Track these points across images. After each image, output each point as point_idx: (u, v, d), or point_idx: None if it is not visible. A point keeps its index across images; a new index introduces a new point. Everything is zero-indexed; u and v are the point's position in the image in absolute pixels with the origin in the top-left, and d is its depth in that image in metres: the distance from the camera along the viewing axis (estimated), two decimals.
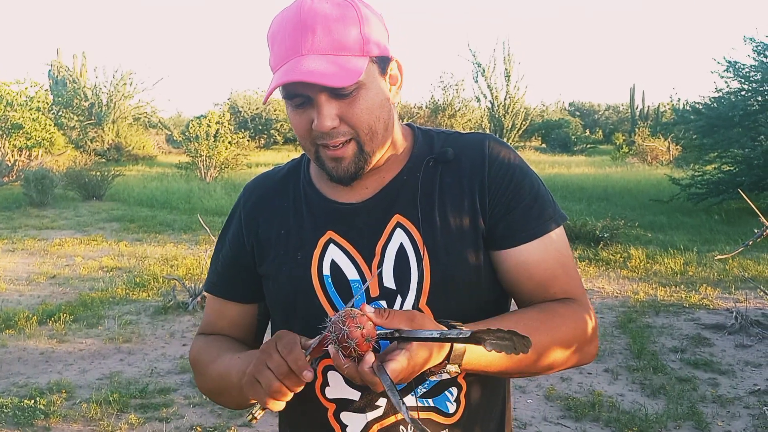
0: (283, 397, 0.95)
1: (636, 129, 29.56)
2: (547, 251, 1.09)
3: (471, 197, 1.09)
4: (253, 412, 0.97)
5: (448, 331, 0.86)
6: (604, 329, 5.39)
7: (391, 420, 1.07)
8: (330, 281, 1.09)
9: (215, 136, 18.73)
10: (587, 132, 39.78)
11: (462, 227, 1.08)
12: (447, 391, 1.09)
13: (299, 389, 0.94)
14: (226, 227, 1.24)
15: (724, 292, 6.58)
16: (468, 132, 1.18)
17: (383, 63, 1.05)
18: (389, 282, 1.07)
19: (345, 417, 1.09)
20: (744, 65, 12.49)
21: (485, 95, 25.85)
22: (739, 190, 7.07)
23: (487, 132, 1.23)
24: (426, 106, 29.42)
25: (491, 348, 0.83)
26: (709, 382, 4.34)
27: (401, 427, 1.07)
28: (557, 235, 1.11)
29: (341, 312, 0.88)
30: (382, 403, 1.07)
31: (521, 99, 25.57)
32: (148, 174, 19.84)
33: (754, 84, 12.55)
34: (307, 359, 0.92)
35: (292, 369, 0.91)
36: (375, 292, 1.07)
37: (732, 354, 4.85)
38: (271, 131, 33.43)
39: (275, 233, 1.15)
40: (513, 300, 1.16)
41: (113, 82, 27.67)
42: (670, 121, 18.36)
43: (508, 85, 25.40)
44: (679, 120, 14.91)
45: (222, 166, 18.37)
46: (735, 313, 5.44)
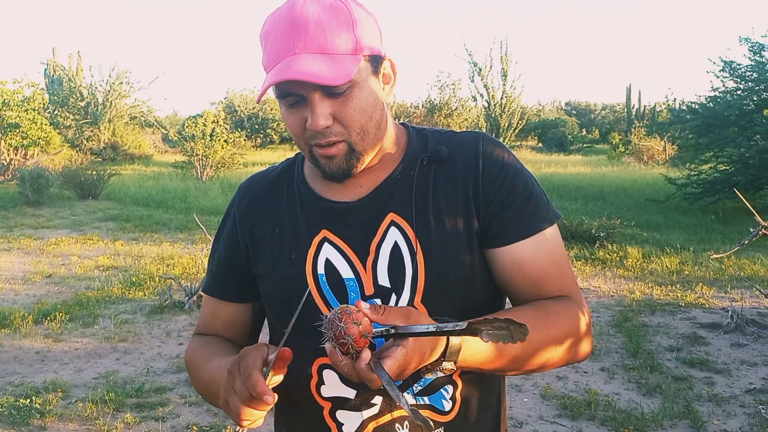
0: (254, 418, 0.94)
1: (632, 128, 29.61)
2: (541, 249, 1.09)
3: (465, 195, 1.09)
4: (237, 430, 0.98)
5: (444, 324, 0.86)
6: (600, 328, 5.40)
7: (387, 418, 1.07)
8: (324, 280, 1.09)
9: (211, 135, 18.69)
10: (583, 131, 39.88)
11: (456, 225, 1.08)
12: (442, 389, 1.09)
13: (266, 410, 0.94)
14: (221, 228, 1.24)
15: (719, 291, 6.60)
16: (462, 131, 1.19)
17: (376, 62, 1.05)
18: (384, 280, 1.07)
19: (341, 415, 1.09)
20: (740, 65, 12.52)
21: (482, 94, 25.83)
22: (735, 189, 7.10)
23: (482, 131, 1.23)
24: (422, 105, 29.41)
25: (488, 339, 0.83)
26: (705, 380, 4.35)
27: (397, 425, 1.07)
28: (551, 234, 1.11)
29: (337, 309, 0.87)
30: (377, 402, 1.07)
31: (518, 98, 25.53)
32: (144, 173, 19.81)
33: (750, 83, 12.60)
34: (270, 376, 0.92)
35: (252, 395, 0.91)
36: (370, 290, 1.07)
37: (728, 353, 4.86)
38: (268, 130, 33.41)
39: (270, 233, 1.15)
40: (507, 298, 1.16)
41: (109, 81, 27.63)
42: (666, 121, 18.38)
43: (504, 85, 25.36)
44: (675, 119, 14.93)
45: (218, 165, 18.36)
46: (731, 312, 5.45)
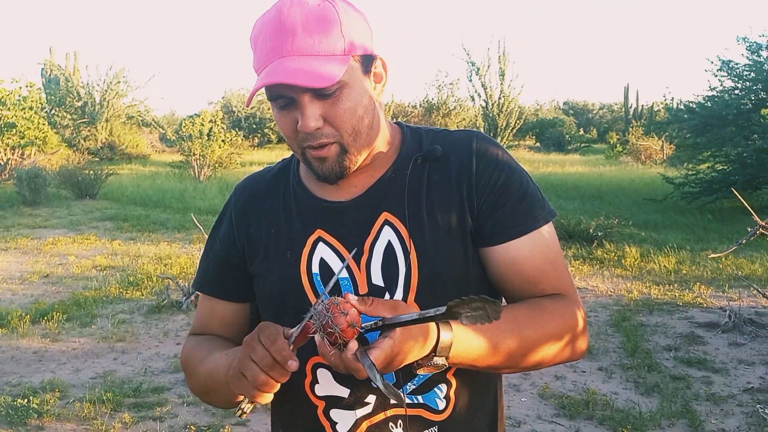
0: (270, 389, 0.93)
1: (630, 128, 29.64)
2: (536, 247, 1.09)
3: (459, 194, 1.09)
4: (242, 407, 0.96)
5: (425, 311, 0.86)
6: (598, 328, 5.40)
7: (380, 417, 1.07)
8: (319, 279, 1.09)
9: (209, 134, 18.68)
10: (581, 131, 39.89)
11: (450, 224, 1.08)
12: (436, 388, 1.09)
13: (285, 379, 0.93)
14: (216, 227, 1.24)
15: (717, 290, 6.60)
16: (456, 130, 1.19)
17: (367, 61, 1.05)
18: (377, 279, 1.07)
19: (335, 414, 1.09)
20: (738, 64, 12.53)
21: (479, 94, 25.85)
22: (733, 189, 7.11)
23: (477, 130, 1.24)
24: (420, 105, 29.41)
25: (467, 321, 0.84)
26: (703, 380, 4.35)
27: (390, 424, 1.07)
28: (546, 231, 1.11)
29: (325, 300, 0.87)
30: (371, 401, 1.07)
31: (515, 98, 25.55)
32: (141, 173, 19.78)
33: (747, 83, 12.61)
34: (291, 348, 0.91)
35: (276, 360, 0.90)
36: (364, 289, 1.07)
37: (725, 352, 4.87)
38: (265, 130, 33.36)
39: (265, 232, 1.15)
40: (503, 297, 1.16)
41: (106, 80, 27.57)
42: (663, 120, 18.40)
43: (502, 84, 25.38)
44: (673, 119, 14.94)
45: (215, 165, 18.34)
46: (728, 312, 5.45)
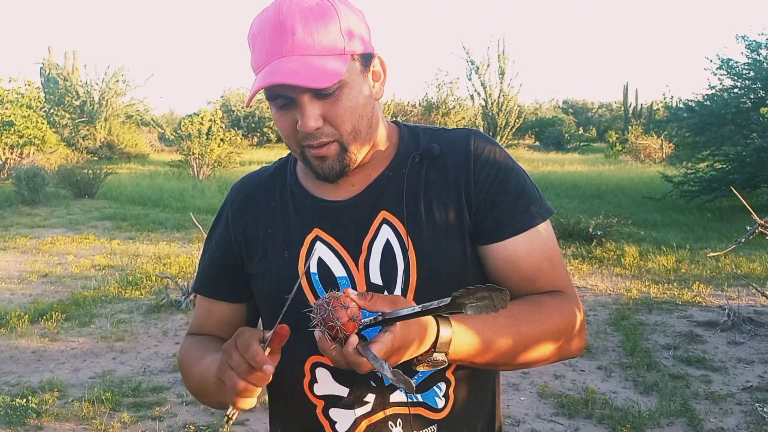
0: (250, 395, 0.93)
1: (629, 127, 29.67)
2: (534, 245, 1.09)
3: (457, 193, 1.09)
4: (227, 413, 0.96)
5: (428, 303, 0.86)
6: (597, 327, 5.40)
7: (380, 416, 1.07)
8: (317, 278, 1.09)
9: (208, 134, 18.68)
10: (580, 130, 39.91)
11: (448, 223, 1.08)
12: (435, 387, 1.09)
13: (265, 383, 0.93)
14: (213, 227, 1.24)
15: (716, 289, 6.60)
16: (454, 128, 1.19)
17: (365, 60, 1.05)
18: (376, 278, 1.07)
19: (334, 413, 1.09)
20: (737, 63, 12.52)
21: (479, 93, 25.86)
22: (732, 187, 7.10)
23: (474, 128, 1.24)
24: (419, 104, 29.40)
25: (472, 311, 0.84)
26: (702, 379, 4.35)
27: (390, 423, 1.07)
28: (544, 229, 1.11)
29: (326, 295, 0.88)
30: (370, 400, 1.07)
31: (515, 97, 25.56)
32: (140, 172, 19.77)
33: (747, 81, 12.60)
34: (267, 352, 0.91)
35: (251, 365, 0.90)
36: (362, 288, 1.07)
37: (724, 351, 4.87)
38: (264, 129, 33.37)
39: (262, 232, 1.15)
40: None
41: (105, 79, 27.54)
42: (663, 119, 18.41)
43: (501, 83, 25.40)
44: (672, 118, 14.94)
45: (215, 164, 18.34)
46: (727, 311, 5.46)
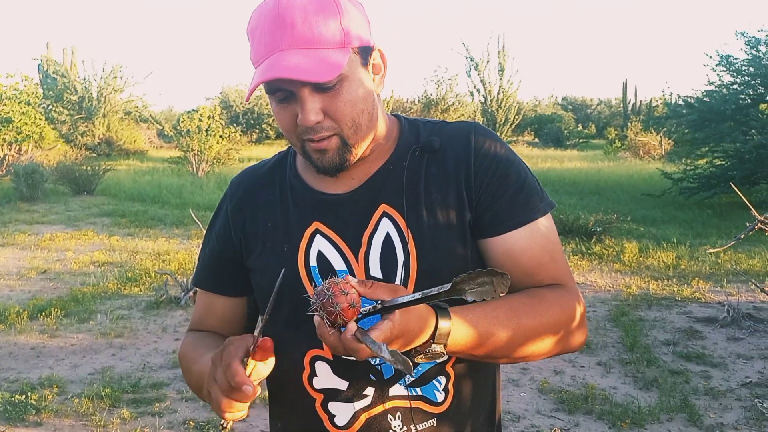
0: (233, 410, 0.93)
1: (628, 123, 29.64)
2: (534, 239, 1.09)
3: (457, 186, 1.08)
4: (221, 423, 0.97)
5: (428, 291, 0.85)
6: (596, 323, 5.40)
7: (379, 409, 1.07)
8: (317, 272, 1.08)
9: (207, 130, 18.64)
10: (580, 126, 39.87)
11: (448, 216, 1.08)
12: (435, 380, 1.08)
13: (248, 401, 0.93)
14: (212, 222, 1.23)
15: (716, 285, 6.61)
16: (454, 121, 1.18)
17: (365, 53, 1.04)
18: (376, 271, 1.07)
19: (333, 407, 1.09)
20: (736, 59, 12.52)
21: (478, 90, 25.82)
22: (731, 184, 7.10)
23: (474, 121, 1.24)
24: (419, 100, 29.37)
25: (472, 297, 0.83)
26: (702, 374, 4.35)
27: (389, 416, 1.07)
28: (544, 223, 1.10)
29: (326, 281, 0.87)
30: (369, 393, 1.07)
31: (514, 93, 25.53)
32: (139, 169, 19.75)
33: (746, 78, 12.60)
34: (251, 367, 0.92)
35: (231, 385, 0.90)
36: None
37: (724, 347, 4.87)
38: (263, 126, 33.32)
39: (262, 226, 1.14)
40: None
41: (103, 75, 27.48)
42: (662, 116, 18.43)
43: (501, 80, 25.37)
44: (672, 114, 14.94)
45: (214, 160, 18.30)
46: (727, 306, 5.46)
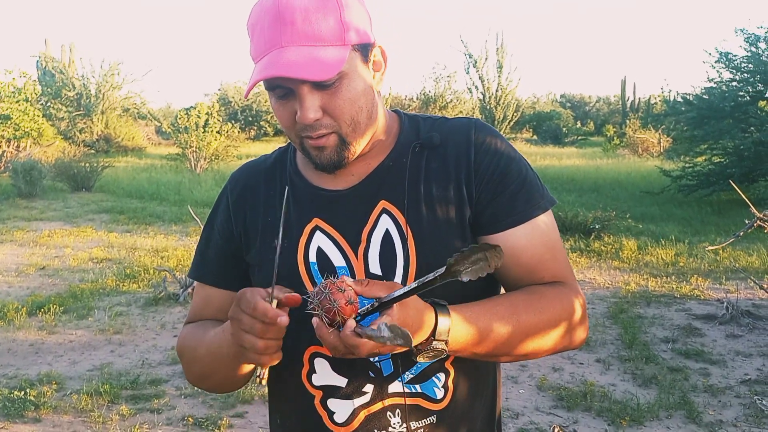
0: (274, 349, 0.94)
1: (627, 121, 29.63)
2: (535, 236, 1.08)
3: (457, 183, 1.08)
4: (257, 374, 0.98)
5: (424, 278, 0.86)
6: (595, 320, 5.40)
7: (378, 406, 1.06)
8: (316, 268, 1.08)
9: (205, 127, 18.62)
10: (578, 124, 39.88)
11: (448, 213, 1.08)
12: (435, 377, 1.08)
13: (282, 334, 0.94)
14: (212, 216, 1.22)
15: (714, 282, 6.61)
16: (454, 117, 1.17)
17: (365, 50, 1.04)
18: (375, 268, 1.06)
19: (332, 404, 1.08)
20: (736, 56, 12.51)
21: (477, 87, 25.80)
22: (730, 181, 7.11)
23: (475, 117, 1.24)
24: (417, 97, 29.34)
25: (468, 277, 0.84)
26: (701, 371, 4.36)
27: (388, 413, 1.06)
28: (545, 220, 1.10)
29: (323, 282, 0.88)
30: (368, 390, 1.07)
31: (513, 91, 25.52)
32: (137, 165, 19.72)
33: (745, 75, 12.59)
34: (273, 304, 0.92)
35: (266, 322, 0.90)
36: (361, 278, 1.06)
37: (723, 344, 4.87)
38: (261, 123, 33.27)
39: (262, 222, 1.14)
40: (502, 286, 1.15)
41: (101, 72, 27.43)
42: (661, 113, 18.42)
43: (500, 77, 25.35)
44: (670, 111, 14.95)
45: (212, 157, 18.28)
46: (726, 304, 5.47)
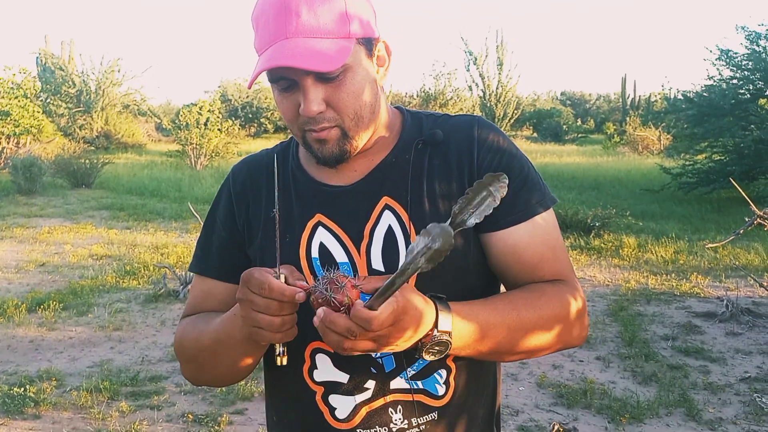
0: (290, 325, 0.95)
1: (627, 118, 29.61)
2: (536, 234, 1.08)
3: (460, 180, 1.08)
4: (278, 353, 0.99)
5: (420, 244, 0.85)
6: (595, 317, 5.40)
7: (380, 402, 1.06)
8: (318, 264, 1.07)
9: (205, 124, 18.61)
10: (578, 121, 39.85)
11: (450, 209, 1.06)
12: (436, 374, 1.08)
13: (296, 309, 0.94)
14: (214, 208, 1.21)
15: (714, 280, 6.61)
16: (457, 114, 1.17)
17: (370, 44, 1.03)
18: (378, 264, 1.06)
19: (333, 400, 1.08)
20: (736, 54, 12.49)
21: (477, 84, 25.77)
22: (730, 179, 7.10)
23: (477, 115, 1.24)
24: (417, 95, 29.31)
25: (475, 219, 0.87)
26: (700, 369, 4.36)
27: (390, 409, 1.06)
28: (546, 218, 1.10)
29: (323, 275, 0.89)
30: (370, 386, 1.07)
31: (513, 88, 25.49)
32: (137, 162, 19.72)
33: (745, 72, 12.57)
34: (282, 280, 0.92)
35: (282, 301, 0.91)
36: (364, 274, 1.06)
37: (723, 342, 4.87)
38: (262, 119, 33.27)
39: (263, 215, 1.14)
40: (502, 284, 1.14)
41: (101, 69, 27.41)
42: (661, 111, 18.39)
43: (500, 74, 25.32)
44: (671, 109, 14.93)
45: (212, 154, 18.28)
46: (725, 301, 5.46)
